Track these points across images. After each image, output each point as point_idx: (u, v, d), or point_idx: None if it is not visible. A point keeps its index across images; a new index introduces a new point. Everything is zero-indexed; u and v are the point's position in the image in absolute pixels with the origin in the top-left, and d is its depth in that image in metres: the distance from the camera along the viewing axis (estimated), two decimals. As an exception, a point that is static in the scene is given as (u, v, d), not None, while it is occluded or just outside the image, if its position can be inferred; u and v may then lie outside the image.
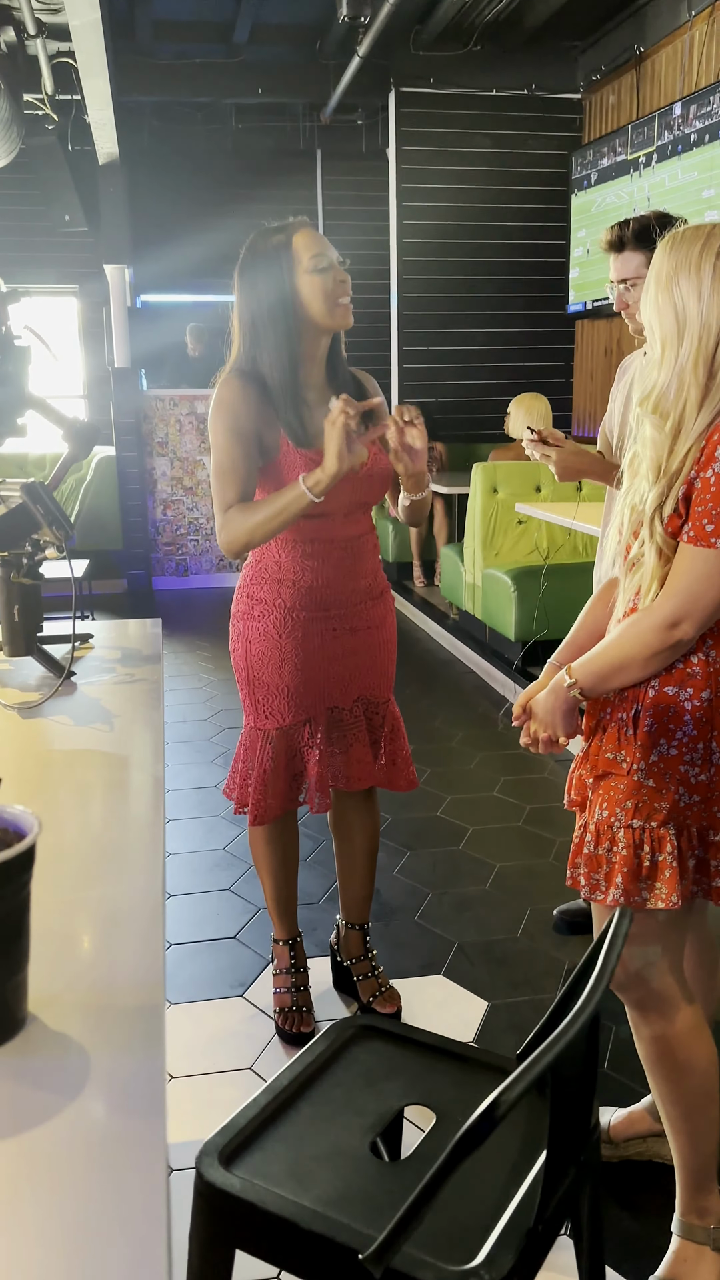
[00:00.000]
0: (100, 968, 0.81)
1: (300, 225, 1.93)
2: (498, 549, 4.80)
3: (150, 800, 1.05)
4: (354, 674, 2.10)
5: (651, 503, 1.43)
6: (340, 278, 1.92)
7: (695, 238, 1.41)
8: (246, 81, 6.68)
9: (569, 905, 2.67)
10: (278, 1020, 2.24)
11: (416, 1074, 0.96)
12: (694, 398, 1.40)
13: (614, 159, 6.08)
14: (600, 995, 0.85)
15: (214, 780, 3.66)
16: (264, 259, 1.92)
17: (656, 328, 1.44)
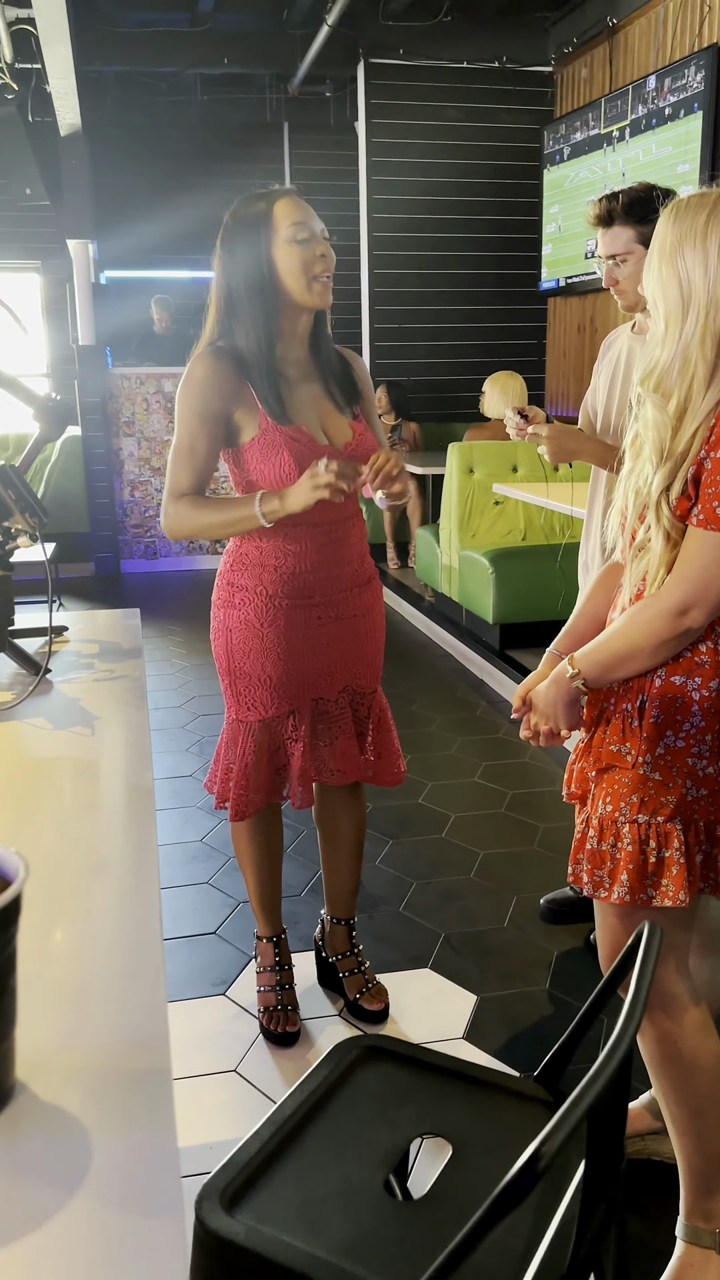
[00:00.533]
0: (95, 1024, 0.71)
1: (285, 193, 1.84)
2: (474, 530, 4.73)
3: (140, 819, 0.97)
4: (339, 664, 2.02)
5: (657, 485, 1.36)
6: (321, 251, 1.83)
7: (700, 206, 1.34)
8: (211, 51, 6.50)
9: (556, 894, 2.63)
10: (262, 1020, 2.17)
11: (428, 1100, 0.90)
12: (701, 375, 1.33)
13: (587, 133, 5.99)
14: (637, 1026, 0.79)
15: (190, 769, 3.58)
16: (244, 227, 1.83)
17: (660, 302, 1.37)
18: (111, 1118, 0.61)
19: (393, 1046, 0.94)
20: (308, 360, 1.95)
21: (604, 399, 2.28)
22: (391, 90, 6.57)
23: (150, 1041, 0.66)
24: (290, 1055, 2.11)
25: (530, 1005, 2.26)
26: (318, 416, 1.92)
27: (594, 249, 6.42)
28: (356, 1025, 2.19)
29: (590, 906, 2.56)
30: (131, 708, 1.35)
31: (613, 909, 1.49)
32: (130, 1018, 0.70)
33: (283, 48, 6.55)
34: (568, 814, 3.18)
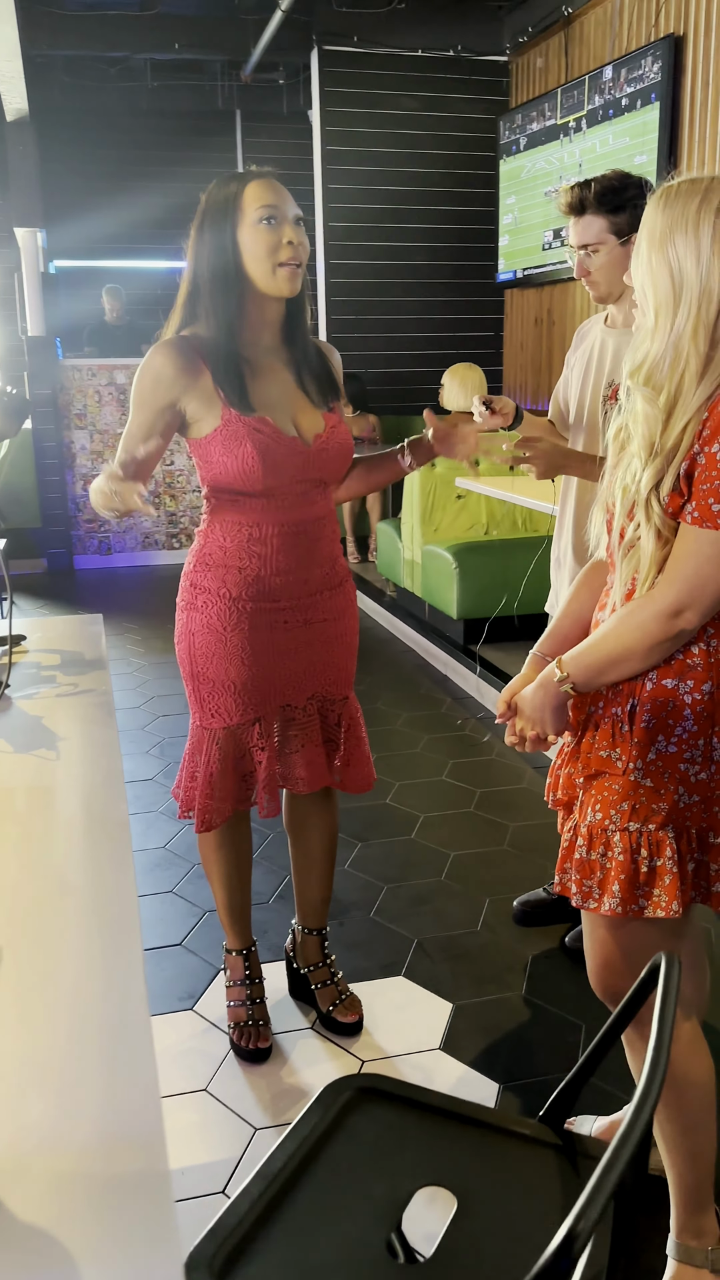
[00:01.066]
0: (77, 1118, 0.62)
1: (259, 175, 1.76)
2: (437, 524, 4.67)
3: (115, 859, 0.87)
4: (308, 670, 1.94)
5: (647, 482, 1.30)
6: (289, 237, 1.75)
7: (691, 193, 1.28)
8: (162, 36, 6.36)
9: (529, 896, 2.58)
10: (232, 1035, 2.09)
11: (428, 1146, 0.83)
12: (693, 368, 1.28)
13: (543, 123, 5.95)
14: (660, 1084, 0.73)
15: (151, 772, 3.48)
16: (213, 210, 1.75)
17: (650, 292, 1.31)
18: (105, 1239, 0.51)
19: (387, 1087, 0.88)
20: (280, 350, 1.87)
21: (576, 391, 2.22)
22: (346, 78, 6.48)
23: (142, 1139, 0.57)
24: (262, 1072, 2.04)
25: (507, 1012, 2.20)
26: (288, 408, 1.84)
27: (551, 240, 6.36)
28: (330, 1038, 2.13)
29: (564, 907, 2.52)
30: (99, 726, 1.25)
31: (603, 920, 1.43)
32: (119, 1108, 0.61)
33: (235, 33, 6.43)
34: (537, 812, 3.13)
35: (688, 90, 4.77)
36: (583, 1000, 2.21)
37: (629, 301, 2.11)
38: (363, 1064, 2.05)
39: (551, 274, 6.05)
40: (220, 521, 1.86)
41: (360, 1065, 2.05)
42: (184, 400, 1.78)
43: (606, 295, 2.12)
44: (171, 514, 7.10)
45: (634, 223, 2.02)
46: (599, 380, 2.15)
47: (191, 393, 1.78)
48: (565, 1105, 1.00)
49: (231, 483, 1.79)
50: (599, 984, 1.48)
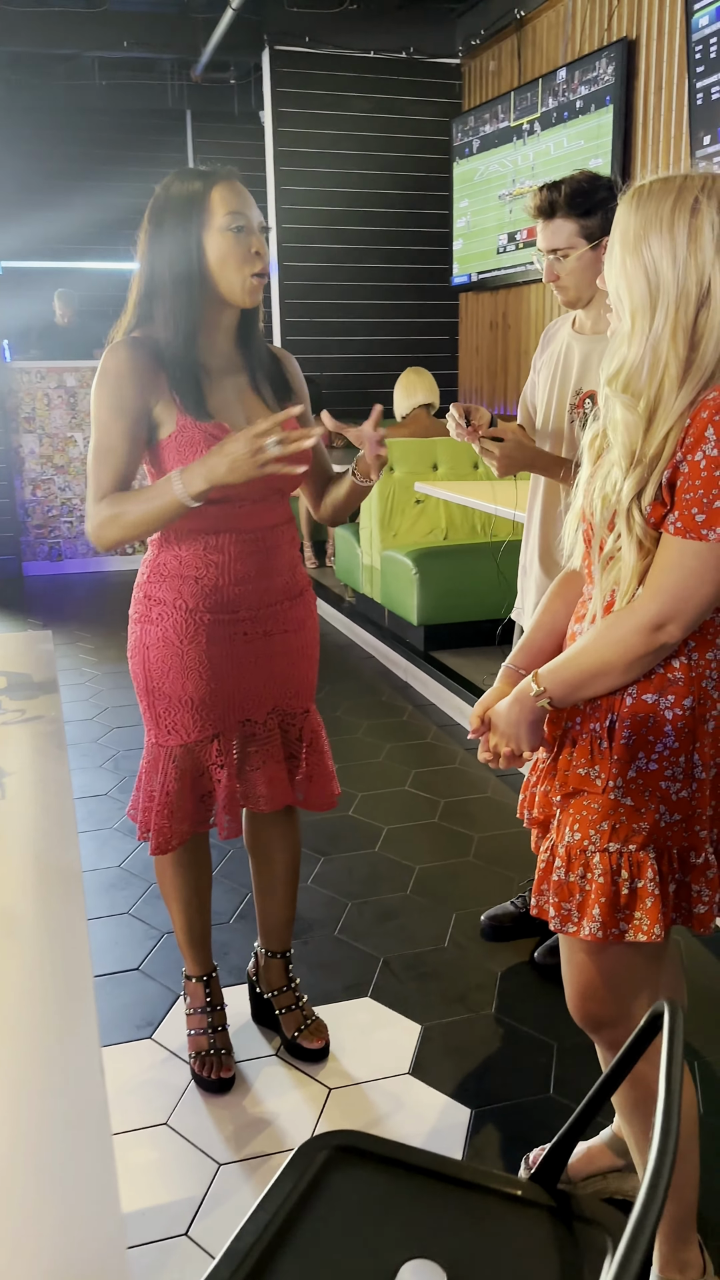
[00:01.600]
0: (31, 1243, 0.54)
1: (225, 176, 1.68)
2: (395, 529, 4.61)
3: (65, 919, 0.78)
4: (268, 683, 1.87)
5: (628, 491, 1.25)
6: (256, 248, 1.68)
7: (664, 192, 1.23)
8: (111, 33, 6.24)
9: (496, 910, 2.52)
10: (193, 1066, 2.01)
11: (413, 1212, 0.77)
12: (673, 373, 1.22)
13: (496, 125, 5.93)
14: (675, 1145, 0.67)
15: (104, 788, 3.38)
16: (175, 207, 1.66)
17: (625, 296, 1.25)
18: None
19: (368, 1145, 0.81)
20: (234, 355, 1.80)
21: (544, 395, 2.16)
22: (297, 79, 6.41)
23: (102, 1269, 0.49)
24: (225, 1104, 1.95)
25: (477, 1033, 2.14)
26: (244, 413, 1.77)
27: (506, 244, 6.35)
28: (295, 1065, 2.05)
29: (532, 921, 2.47)
30: (49, 759, 1.15)
31: (582, 945, 1.38)
32: (74, 1233, 0.52)
33: (185, 32, 6.33)
34: (502, 823, 3.08)
35: (640, 94, 4.77)
36: (554, 1019, 2.16)
37: (598, 307, 2.07)
38: (329, 1091, 1.98)
39: (507, 278, 6.03)
40: (175, 530, 1.77)
41: (327, 1093, 1.97)
42: (151, 402, 1.70)
43: (576, 300, 2.06)
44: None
45: (605, 225, 1.97)
46: (564, 387, 2.10)
47: (154, 396, 1.70)
48: (558, 1164, 0.93)
49: None
50: (579, 1011, 1.42)
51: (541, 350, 2.23)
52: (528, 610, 2.24)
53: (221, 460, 1.57)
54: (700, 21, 4.07)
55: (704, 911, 1.34)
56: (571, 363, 2.09)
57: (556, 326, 2.21)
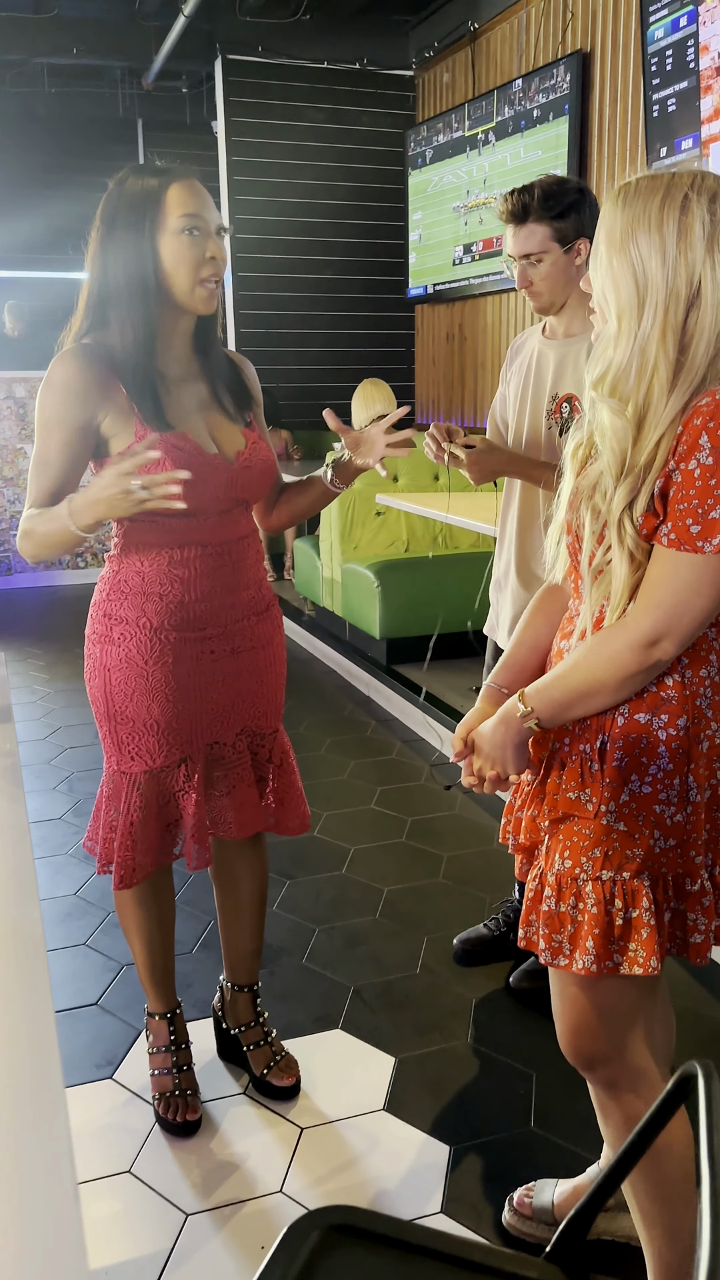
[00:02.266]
0: None
1: (181, 175, 1.60)
2: (356, 542, 4.55)
3: (29, 992, 0.68)
4: (236, 702, 1.78)
5: (619, 502, 1.18)
6: (212, 252, 1.60)
7: (652, 189, 1.17)
8: (60, 39, 6.13)
9: (469, 933, 2.44)
10: (157, 1108, 1.90)
11: (419, 1300, 0.69)
12: (663, 376, 1.16)
13: (450, 135, 5.91)
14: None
15: (59, 810, 3.26)
16: (129, 205, 1.58)
17: (611, 296, 1.19)
18: None
19: (364, 1223, 0.72)
20: (192, 362, 1.71)
21: (515, 406, 2.10)
22: (251, 88, 6.35)
23: None
24: (192, 1147, 1.85)
25: (453, 1064, 2.06)
26: (205, 423, 1.69)
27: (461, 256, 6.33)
28: (264, 1104, 1.95)
29: (506, 944, 2.40)
30: (4, 799, 1.05)
31: (574, 979, 1.31)
32: None
33: (136, 39, 6.24)
34: (470, 841, 3.01)
35: (596, 105, 4.77)
36: (532, 1046, 2.09)
37: (571, 312, 2.02)
38: (301, 1131, 1.88)
39: (462, 290, 6.01)
40: (136, 545, 1.68)
41: (299, 1133, 1.88)
42: (100, 414, 1.61)
43: (550, 306, 2.01)
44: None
45: (578, 228, 1.93)
46: (539, 393, 2.04)
47: (105, 406, 1.61)
48: (572, 1240, 0.86)
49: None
50: (571, 1048, 1.35)
51: (509, 362, 2.17)
52: (503, 626, 2.18)
53: (100, 498, 1.48)
54: (656, 34, 4.07)
55: (700, 941, 1.28)
56: (545, 368, 2.03)
57: (524, 337, 2.16)
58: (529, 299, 2.01)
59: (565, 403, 1.99)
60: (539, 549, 2.01)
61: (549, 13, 5.08)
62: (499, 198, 1.96)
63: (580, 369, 1.95)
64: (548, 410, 2.02)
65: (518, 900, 2.43)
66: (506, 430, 2.15)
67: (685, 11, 3.88)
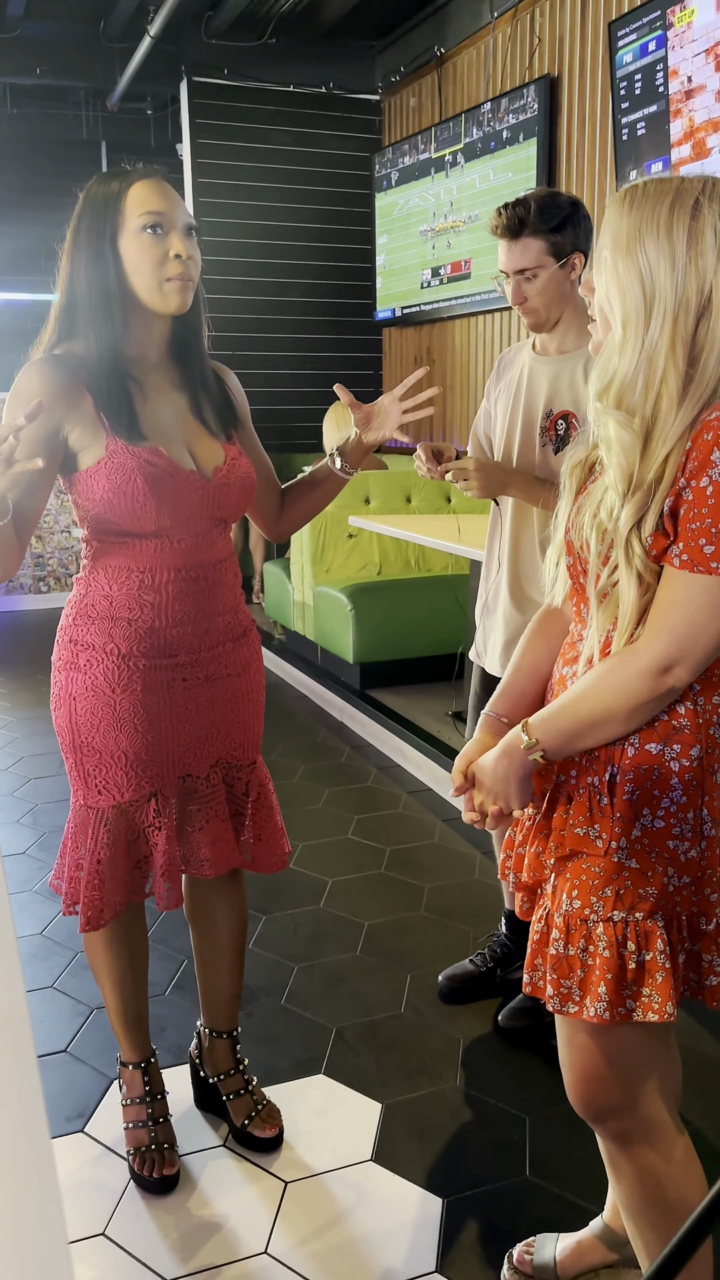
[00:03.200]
0: None
1: (144, 174, 1.54)
2: (328, 565, 4.47)
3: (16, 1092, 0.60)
4: (211, 733, 1.69)
5: (627, 520, 1.12)
6: (178, 250, 1.53)
7: (660, 193, 1.12)
8: (23, 60, 6.07)
9: (455, 970, 2.36)
10: (132, 1163, 1.79)
11: None
12: (672, 388, 1.11)
13: (416, 158, 5.90)
14: None
15: (23, 845, 3.13)
16: (91, 210, 1.53)
17: (616, 302, 1.14)
18: None
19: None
20: (170, 369, 1.64)
21: (503, 423, 2.04)
22: (216, 110, 6.32)
23: None
24: (169, 1206, 1.75)
25: (442, 1109, 1.97)
26: (183, 436, 1.61)
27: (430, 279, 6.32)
28: (245, 1156, 1.85)
29: (494, 981, 2.31)
30: None
31: (584, 1026, 1.23)
32: None
33: (100, 60, 6.19)
34: (451, 871, 2.93)
35: (564, 129, 4.78)
36: (524, 1088, 2.00)
37: (564, 328, 1.97)
38: (285, 1185, 1.78)
39: (430, 313, 5.99)
40: (105, 567, 1.60)
41: (283, 1188, 1.78)
42: (66, 427, 1.52)
43: (544, 322, 1.96)
44: (38, 556, 6.71)
45: (573, 243, 1.89)
46: (531, 410, 1.99)
47: (73, 418, 1.53)
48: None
49: (119, 522, 1.54)
50: (580, 1099, 1.27)
51: (497, 378, 2.12)
52: (492, 651, 2.11)
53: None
54: (624, 58, 4.08)
55: (716, 984, 1.21)
56: (538, 385, 1.98)
57: (513, 352, 2.11)
58: (522, 315, 1.97)
59: (560, 419, 1.94)
60: (534, 570, 1.95)
61: (516, 37, 5.10)
62: (492, 212, 1.92)
63: (576, 386, 1.90)
64: (541, 427, 1.97)
65: (505, 934, 2.35)
66: (491, 447, 2.10)
67: (654, 36, 3.89)
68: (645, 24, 3.94)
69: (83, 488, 1.55)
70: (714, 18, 3.60)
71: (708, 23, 3.63)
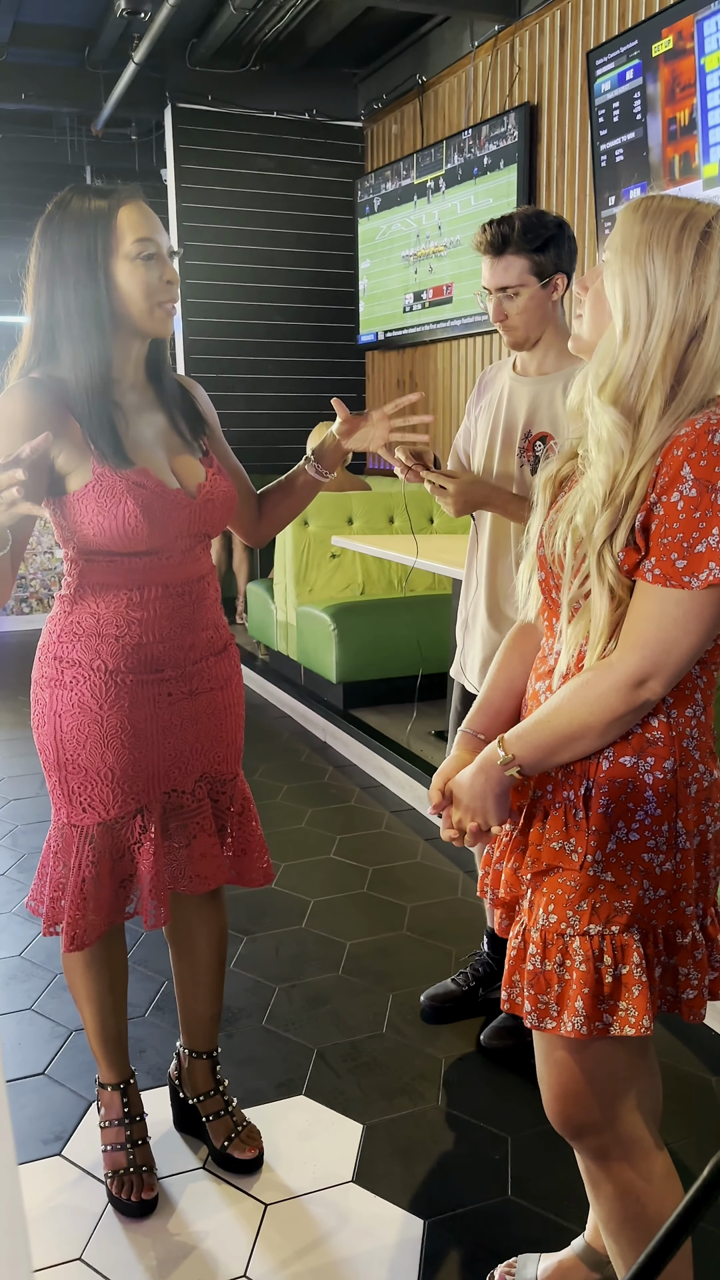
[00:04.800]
0: None
1: (131, 196, 1.54)
2: (311, 585, 4.48)
3: None
4: (195, 747, 1.69)
5: (600, 533, 1.13)
6: (169, 276, 1.54)
7: (675, 212, 1.13)
8: (8, 85, 6.11)
9: (436, 989, 2.35)
10: (110, 1186, 1.77)
11: None
12: (656, 404, 1.12)
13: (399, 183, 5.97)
14: None
15: (2, 867, 3.11)
16: (76, 227, 1.51)
17: (619, 301, 1.14)
18: None
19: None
20: (147, 390, 1.65)
21: (483, 441, 2.06)
22: (200, 136, 6.38)
23: None
24: (148, 1229, 1.73)
25: (423, 1130, 1.96)
26: (166, 454, 1.61)
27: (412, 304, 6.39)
28: (225, 1179, 1.83)
29: (475, 1000, 2.31)
30: None
31: (561, 1042, 1.23)
32: None
33: (85, 86, 6.24)
34: (434, 890, 2.93)
35: (544, 157, 4.84)
36: (505, 1110, 2.00)
37: (545, 348, 1.98)
38: (265, 1208, 1.77)
39: (413, 336, 6.04)
40: (91, 585, 1.60)
41: (263, 1210, 1.76)
42: (53, 451, 1.52)
43: (524, 341, 1.97)
44: (21, 577, 6.69)
45: (556, 263, 1.90)
46: (511, 430, 2.00)
47: (59, 443, 1.53)
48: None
49: (108, 544, 1.54)
50: (558, 1116, 1.27)
51: (478, 396, 2.13)
52: (471, 667, 2.12)
53: None
54: (603, 87, 4.15)
55: (693, 997, 1.21)
56: (518, 406, 2.00)
57: (494, 371, 2.12)
58: (504, 334, 1.98)
59: (539, 440, 1.96)
60: (511, 588, 1.96)
61: (496, 66, 5.17)
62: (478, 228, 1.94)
63: (555, 407, 1.92)
64: (520, 448, 1.98)
65: (487, 953, 2.35)
66: (470, 464, 2.11)
67: (632, 65, 3.96)
68: (623, 53, 4.01)
69: (71, 510, 1.55)
70: (689, 48, 3.66)
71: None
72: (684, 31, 3.69)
